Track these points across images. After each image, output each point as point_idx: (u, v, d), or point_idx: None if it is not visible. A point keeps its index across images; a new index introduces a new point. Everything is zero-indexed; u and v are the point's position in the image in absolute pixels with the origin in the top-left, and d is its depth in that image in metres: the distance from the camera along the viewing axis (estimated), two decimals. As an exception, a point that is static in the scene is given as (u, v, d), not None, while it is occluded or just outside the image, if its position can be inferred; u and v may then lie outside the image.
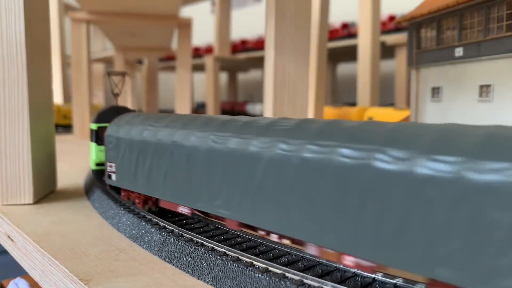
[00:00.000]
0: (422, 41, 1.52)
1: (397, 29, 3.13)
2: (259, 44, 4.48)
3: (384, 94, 3.18)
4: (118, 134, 0.98)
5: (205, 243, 0.72)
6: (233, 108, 4.93)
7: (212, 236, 0.78)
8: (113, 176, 1.00)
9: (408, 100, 2.69)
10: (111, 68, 5.16)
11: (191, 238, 0.75)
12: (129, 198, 0.99)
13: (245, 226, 0.67)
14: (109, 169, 1.01)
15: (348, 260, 0.54)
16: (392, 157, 0.47)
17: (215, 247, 0.70)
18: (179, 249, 0.73)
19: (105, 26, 3.21)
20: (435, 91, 1.47)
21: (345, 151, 0.52)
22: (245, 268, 0.62)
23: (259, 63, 4.54)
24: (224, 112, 4.85)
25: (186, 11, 3.94)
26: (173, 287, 0.63)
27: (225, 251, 0.69)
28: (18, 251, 0.90)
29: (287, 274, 0.60)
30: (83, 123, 2.88)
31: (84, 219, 0.99)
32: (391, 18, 3.38)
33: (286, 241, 0.62)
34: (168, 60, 5.46)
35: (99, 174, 1.16)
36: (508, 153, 0.40)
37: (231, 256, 0.67)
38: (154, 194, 0.86)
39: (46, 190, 1.22)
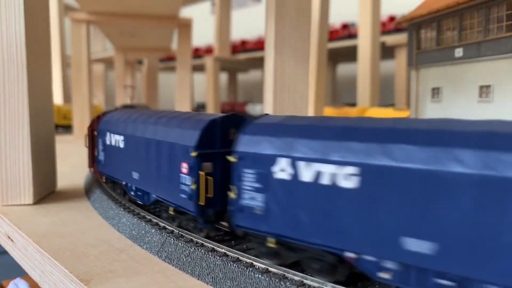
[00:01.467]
0: (422, 41, 1.52)
1: (397, 30, 3.13)
2: (259, 45, 4.48)
3: (384, 95, 3.18)
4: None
5: (205, 243, 0.72)
6: (233, 108, 4.91)
7: (212, 237, 0.78)
8: None
9: (408, 101, 2.69)
10: (111, 68, 5.23)
11: (191, 239, 0.75)
12: None
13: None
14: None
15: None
16: None
17: (215, 248, 0.70)
18: (179, 249, 0.73)
19: (105, 26, 3.22)
20: (435, 92, 1.47)
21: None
22: (245, 269, 0.62)
23: (259, 63, 4.54)
24: (224, 112, 4.83)
25: (186, 11, 3.94)
26: (173, 288, 0.63)
27: (225, 251, 0.69)
28: (18, 251, 0.90)
29: (287, 275, 0.59)
30: (83, 123, 2.87)
31: (84, 220, 0.99)
32: (391, 18, 3.37)
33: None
34: (168, 60, 5.46)
35: None
36: None
37: (231, 256, 0.67)
38: None
39: (46, 191, 1.22)
